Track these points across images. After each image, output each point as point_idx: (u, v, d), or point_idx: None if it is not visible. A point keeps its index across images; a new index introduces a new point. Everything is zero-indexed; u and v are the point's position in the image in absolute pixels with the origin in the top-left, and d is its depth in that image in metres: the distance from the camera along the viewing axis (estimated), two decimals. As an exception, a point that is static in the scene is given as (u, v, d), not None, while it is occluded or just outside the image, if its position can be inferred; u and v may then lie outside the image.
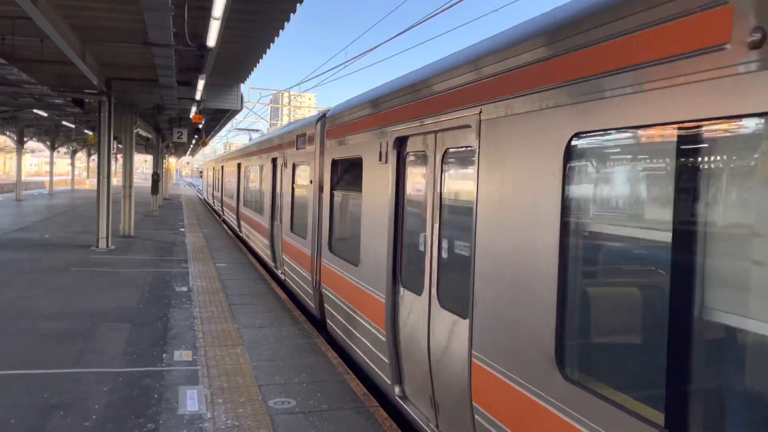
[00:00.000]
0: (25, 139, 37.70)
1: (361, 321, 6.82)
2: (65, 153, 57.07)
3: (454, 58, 4.89)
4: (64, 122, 28.44)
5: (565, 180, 3.34)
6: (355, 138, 7.27)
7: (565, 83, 3.32)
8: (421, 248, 5.39)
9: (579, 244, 3.35)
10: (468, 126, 4.48)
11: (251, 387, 6.45)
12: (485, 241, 4.14)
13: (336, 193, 8.14)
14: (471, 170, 4.49)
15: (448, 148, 4.95)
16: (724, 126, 2.50)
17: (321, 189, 8.85)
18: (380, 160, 6.29)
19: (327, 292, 8.27)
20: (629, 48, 2.87)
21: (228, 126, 48.21)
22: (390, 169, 6.00)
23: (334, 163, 8.16)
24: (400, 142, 5.89)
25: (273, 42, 13.78)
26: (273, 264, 13.49)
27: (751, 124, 2.40)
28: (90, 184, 66.34)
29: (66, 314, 9.24)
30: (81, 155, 65.91)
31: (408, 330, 5.67)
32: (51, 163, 46.83)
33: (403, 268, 5.89)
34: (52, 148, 43.91)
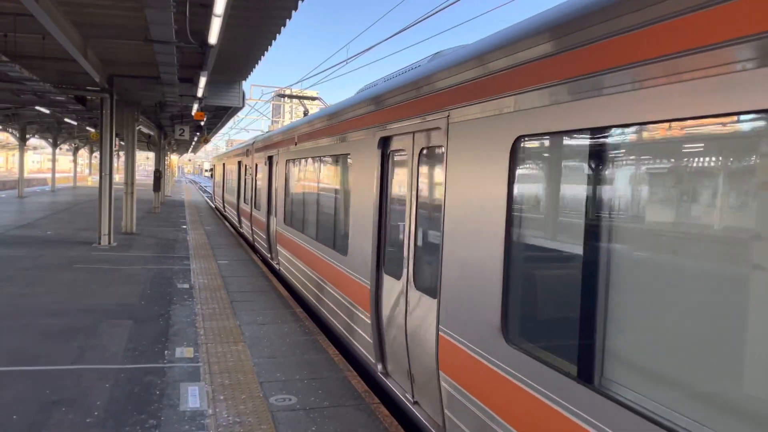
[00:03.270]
0: (28, 136, 37.76)
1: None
2: (67, 150, 57.15)
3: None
4: (66, 119, 28.49)
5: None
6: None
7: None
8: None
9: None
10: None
11: (252, 384, 6.47)
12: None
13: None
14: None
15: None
16: None
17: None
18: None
19: None
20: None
21: (230, 123, 48.27)
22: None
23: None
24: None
25: (274, 39, 13.78)
26: None
27: None
28: (92, 181, 66.42)
29: (68, 311, 9.27)
30: (83, 152, 66.06)
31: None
32: (53, 160, 46.92)
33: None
34: (55, 145, 43.99)
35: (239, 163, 22.35)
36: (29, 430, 5.17)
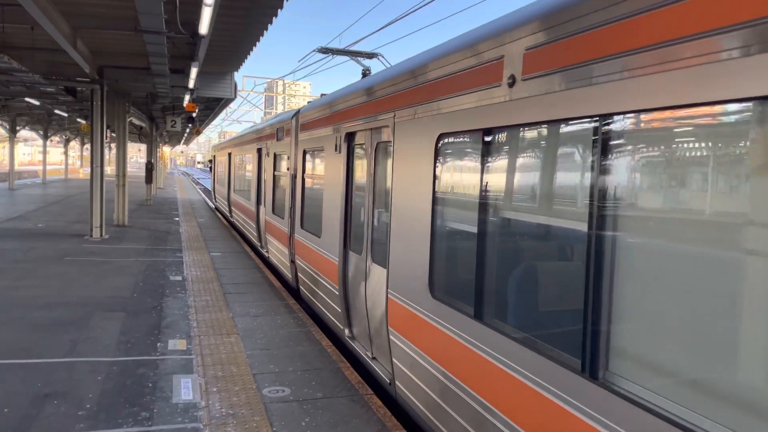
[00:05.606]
0: (18, 128, 37.44)
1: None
2: (58, 142, 56.78)
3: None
4: (56, 111, 28.27)
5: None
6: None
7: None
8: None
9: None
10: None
11: (246, 376, 6.46)
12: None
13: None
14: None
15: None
16: None
17: None
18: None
19: None
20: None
21: (222, 114, 48.08)
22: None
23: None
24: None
25: (266, 29, 13.67)
26: None
27: None
28: (83, 173, 66.02)
29: (59, 303, 9.22)
30: (74, 144, 65.62)
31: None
32: (44, 152, 46.56)
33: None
34: (45, 137, 43.65)
35: (259, 151, 15.11)
36: (21, 424, 5.14)
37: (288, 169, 11.32)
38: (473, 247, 4.36)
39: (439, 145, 4.90)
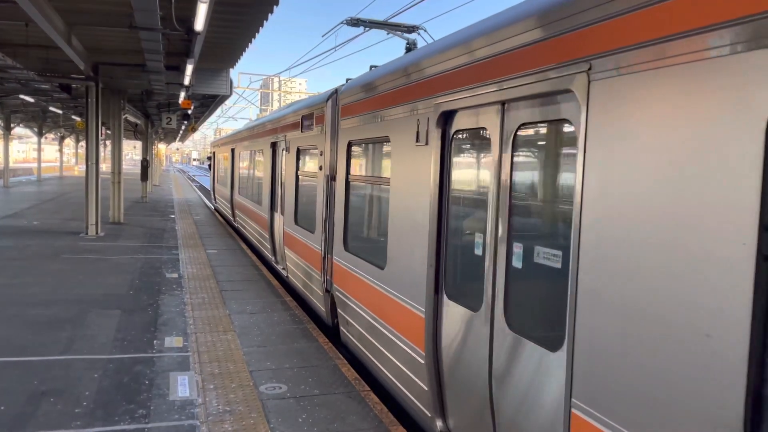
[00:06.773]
0: (12, 125, 37.31)
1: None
2: (53, 139, 56.55)
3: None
4: (51, 108, 28.16)
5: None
6: None
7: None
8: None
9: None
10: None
11: (242, 372, 6.46)
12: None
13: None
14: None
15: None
16: None
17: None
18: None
19: None
20: None
21: (218, 112, 47.96)
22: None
23: None
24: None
25: (262, 26, 13.65)
26: None
27: None
28: (79, 170, 65.78)
29: (55, 301, 9.19)
30: (69, 141, 65.41)
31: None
32: (39, 150, 46.35)
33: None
34: (40, 135, 43.49)
35: (274, 146, 12.64)
36: (18, 421, 5.14)
37: (320, 168, 8.70)
38: None
39: None
